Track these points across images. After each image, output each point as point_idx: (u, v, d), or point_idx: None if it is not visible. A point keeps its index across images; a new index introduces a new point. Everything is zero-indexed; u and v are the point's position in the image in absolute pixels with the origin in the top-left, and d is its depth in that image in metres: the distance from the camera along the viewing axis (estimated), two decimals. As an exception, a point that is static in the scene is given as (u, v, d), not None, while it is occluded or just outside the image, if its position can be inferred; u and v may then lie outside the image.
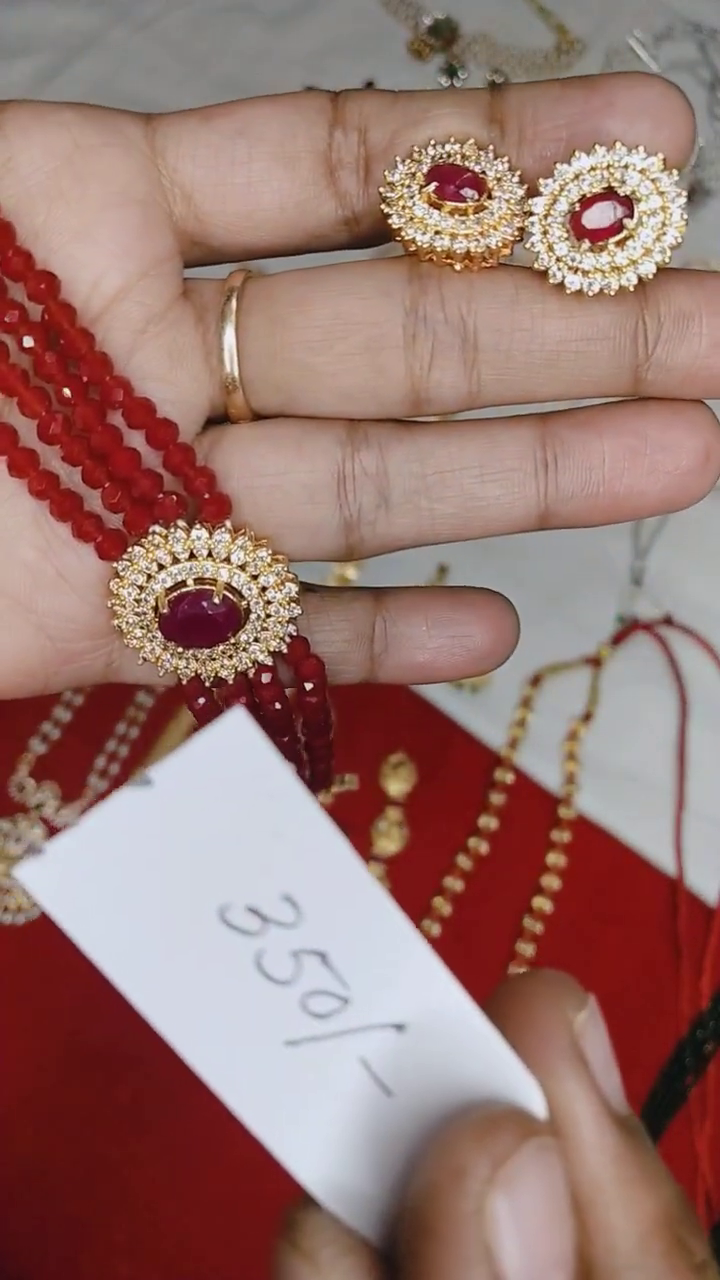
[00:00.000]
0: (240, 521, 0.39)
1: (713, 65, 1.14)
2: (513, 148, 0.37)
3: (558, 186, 0.36)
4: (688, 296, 0.37)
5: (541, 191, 0.36)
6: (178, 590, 0.37)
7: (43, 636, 0.38)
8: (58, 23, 1.14)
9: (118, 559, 0.37)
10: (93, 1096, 0.78)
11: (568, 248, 0.36)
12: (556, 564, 0.94)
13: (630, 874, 0.86)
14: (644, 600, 0.93)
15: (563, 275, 0.36)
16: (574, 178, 0.36)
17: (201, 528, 0.37)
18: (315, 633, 0.41)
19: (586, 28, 1.18)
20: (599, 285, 0.36)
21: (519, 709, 0.89)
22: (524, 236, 0.37)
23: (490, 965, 0.82)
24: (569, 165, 0.36)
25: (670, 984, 0.83)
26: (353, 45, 1.15)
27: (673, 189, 0.36)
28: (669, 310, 0.37)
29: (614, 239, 0.36)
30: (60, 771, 0.86)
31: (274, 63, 1.13)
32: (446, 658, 0.40)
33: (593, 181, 0.36)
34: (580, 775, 0.87)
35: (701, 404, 0.39)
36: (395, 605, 0.41)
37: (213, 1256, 0.75)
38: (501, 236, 0.36)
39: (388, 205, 0.37)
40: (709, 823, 0.87)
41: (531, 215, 0.36)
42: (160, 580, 0.37)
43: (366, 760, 0.88)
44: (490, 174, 0.36)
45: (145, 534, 0.37)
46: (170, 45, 1.14)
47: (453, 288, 0.37)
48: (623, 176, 0.36)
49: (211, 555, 0.37)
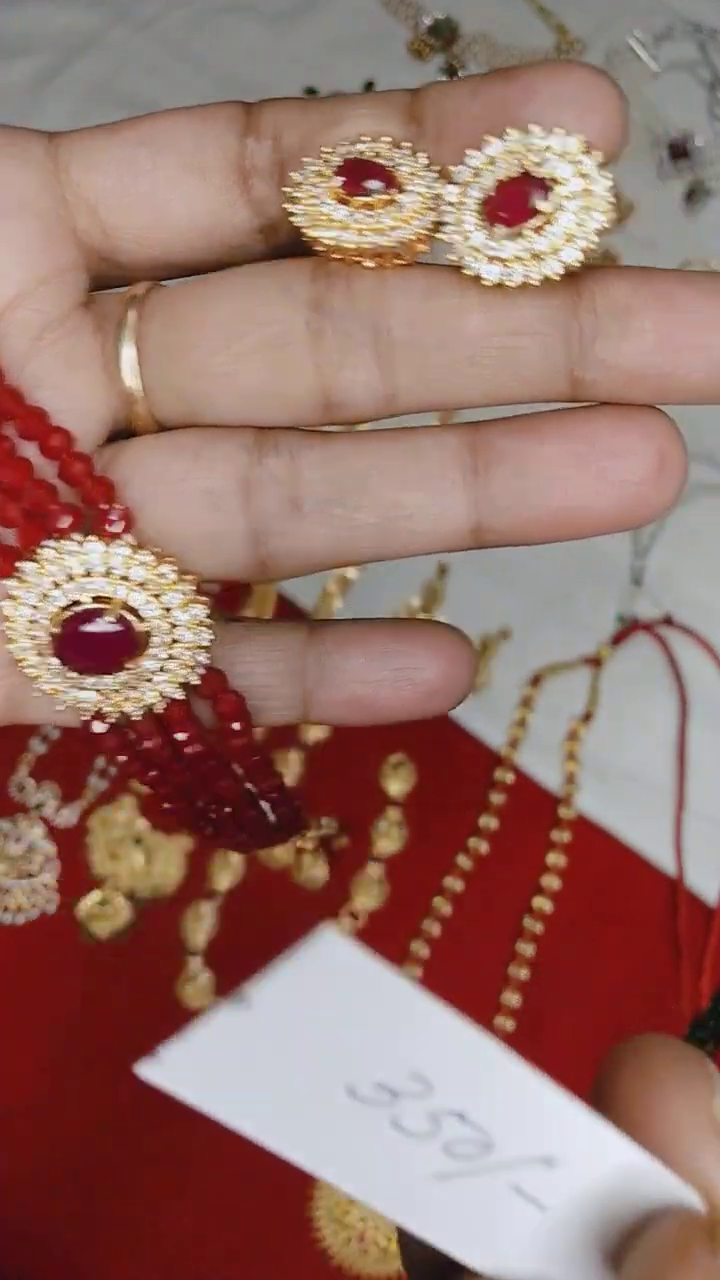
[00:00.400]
0: (143, 536, 0.36)
1: (713, 65, 1.14)
2: (431, 144, 0.35)
3: (470, 173, 0.34)
4: (629, 291, 0.34)
5: (454, 180, 0.34)
6: (72, 609, 0.35)
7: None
8: (57, 23, 1.14)
9: (9, 576, 0.34)
10: (92, 1096, 0.78)
11: (484, 236, 0.34)
12: (556, 564, 0.94)
13: (630, 874, 0.86)
14: (644, 600, 0.93)
15: (479, 266, 0.34)
16: (488, 163, 0.33)
17: (98, 541, 0.35)
18: (236, 665, 0.37)
19: (587, 28, 1.18)
20: (520, 275, 0.33)
21: (519, 709, 0.89)
22: (439, 228, 0.35)
23: (490, 965, 0.83)
24: (481, 151, 0.34)
25: (670, 984, 0.83)
26: (353, 45, 1.15)
27: (596, 171, 0.33)
28: (606, 305, 0.34)
29: (531, 224, 0.33)
30: (60, 771, 0.86)
31: (274, 63, 1.13)
32: (391, 692, 0.36)
33: (508, 166, 0.33)
34: (580, 775, 0.87)
35: (655, 409, 0.36)
36: (332, 638, 0.37)
37: (213, 1256, 0.76)
38: (414, 230, 0.34)
39: (292, 204, 0.35)
40: (709, 823, 0.87)
41: (445, 206, 0.34)
42: (55, 599, 0.35)
43: (366, 760, 0.88)
44: (404, 168, 0.34)
45: (38, 549, 0.35)
46: (170, 45, 1.14)
47: (362, 283, 0.35)
48: (540, 159, 0.33)
49: (110, 572, 0.35)
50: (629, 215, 1.07)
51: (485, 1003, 0.82)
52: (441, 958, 0.83)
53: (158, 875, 0.84)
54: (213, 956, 0.82)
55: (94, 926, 0.82)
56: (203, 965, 0.81)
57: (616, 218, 1.08)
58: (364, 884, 0.84)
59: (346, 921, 0.83)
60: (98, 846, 0.84)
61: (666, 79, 1.16)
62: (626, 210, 1.06)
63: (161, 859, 0.84)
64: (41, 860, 0.83)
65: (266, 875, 0.85)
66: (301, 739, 0.88)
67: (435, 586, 0.92)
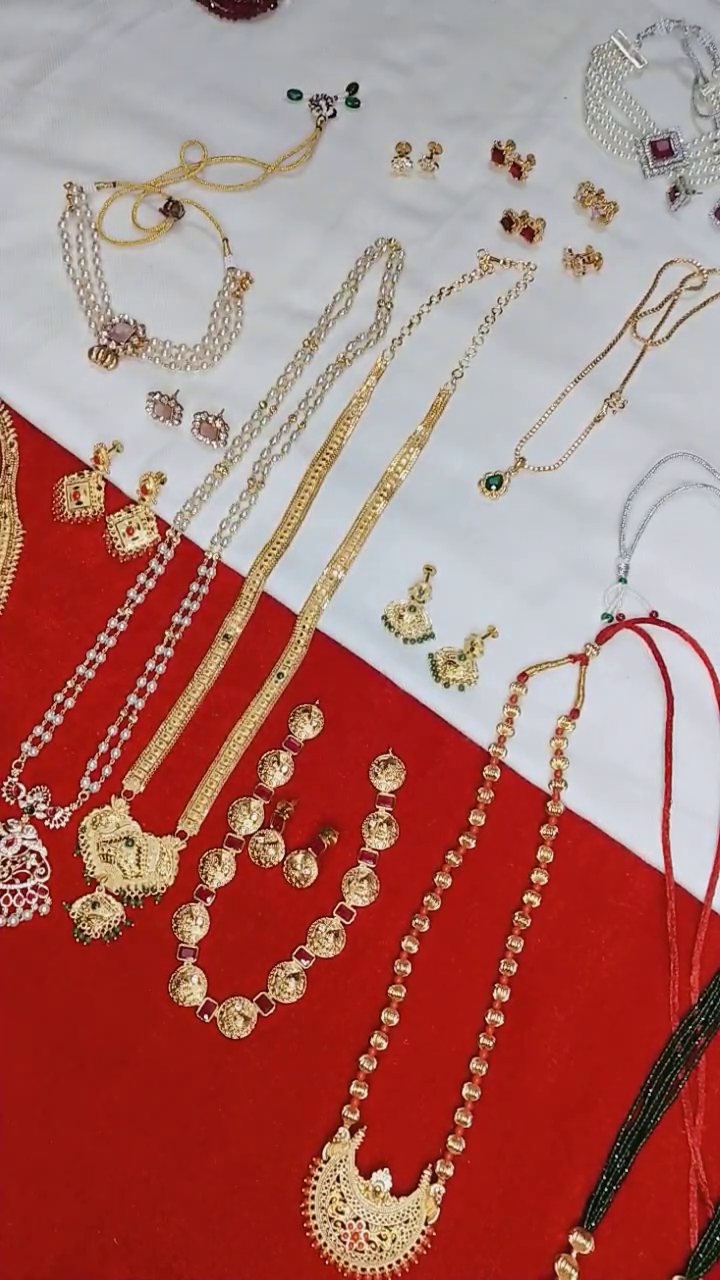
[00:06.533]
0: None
1: (696, 62, 1.14)
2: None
3: None
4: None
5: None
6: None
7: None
8: (40, 26, 1.14)
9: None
10: (87, 1097, 0.79)
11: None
12: (542, 563, 0.94)
13: (618, 869, 0.86)
14: (629, 598, 0.93)
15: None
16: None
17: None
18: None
19: (569, 26, 1.18)
20: None
21: (506, 706, 0.89)
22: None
23: (480, 960, 0.83)
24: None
25: (660, 978, 0.83)
26: (335, 48, 1.15)
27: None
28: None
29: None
30: (51, 775, 0.86)
31: (258, 66, 1.14)
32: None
33: None
34: (568, 772, 0.88)
35: None
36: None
37: (207, 1256, 0.76)
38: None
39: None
40: (696, 817, 0.87)
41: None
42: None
43: (356, 758, 0.88)
44: None
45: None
46: (153, 49, 1.14)
47: None
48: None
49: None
50: (612, 215, 1.07)
51: (476, 997, 0.82)
52: (432, 953, 0.83)
53: (149, 876, 0.84)
54: (205, 956, 0.83)
55: (86, 927, 0.82)
56: (194, 964, 0.82)
57: (600, 217, 1.08)
58: (354, 881, 0.85)
59: (338, 919, 0.83)
60: (89, 848, 0.84)
61: (649, 76, 1.16)
62: (610, 210, 1.07)
63: (153, 860, 0.84)
64: (33, 862, 0.84)
65: (258, 874, 0.85)
66: (292, 738, 0.88)
67: (422, 586, 0.93)
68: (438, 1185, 0.78)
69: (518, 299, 1.05)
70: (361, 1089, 0.79)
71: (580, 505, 0.97)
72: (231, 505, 0.95)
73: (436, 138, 1.11)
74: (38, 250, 1.03)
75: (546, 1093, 0.80)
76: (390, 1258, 0.76)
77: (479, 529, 0.96)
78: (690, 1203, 0.78)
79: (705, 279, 1.06)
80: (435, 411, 1.00)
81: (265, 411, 0.99)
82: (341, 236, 1.06)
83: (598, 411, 1.00)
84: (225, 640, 0.91)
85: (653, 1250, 0.77)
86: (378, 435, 0.99)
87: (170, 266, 1.04)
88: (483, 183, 1.10)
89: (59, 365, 0.99)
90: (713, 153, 1.10)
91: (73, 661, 0.90)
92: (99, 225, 1.04)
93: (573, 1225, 0.77)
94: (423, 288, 1.05)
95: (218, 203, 1.07)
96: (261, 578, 0.93)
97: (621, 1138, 0.79)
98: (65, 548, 0.93)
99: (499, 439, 0.99)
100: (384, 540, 0.95)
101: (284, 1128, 0.78)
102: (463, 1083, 0.80)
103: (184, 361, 0.99)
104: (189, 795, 0.87)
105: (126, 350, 0.99)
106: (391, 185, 1.10)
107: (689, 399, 1.01)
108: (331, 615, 0.92)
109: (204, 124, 1.10)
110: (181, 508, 0.95)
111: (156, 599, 0.92)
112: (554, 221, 1.08)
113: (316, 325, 1.02)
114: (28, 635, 0.90)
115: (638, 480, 0.97)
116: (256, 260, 1.04)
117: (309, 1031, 0.81)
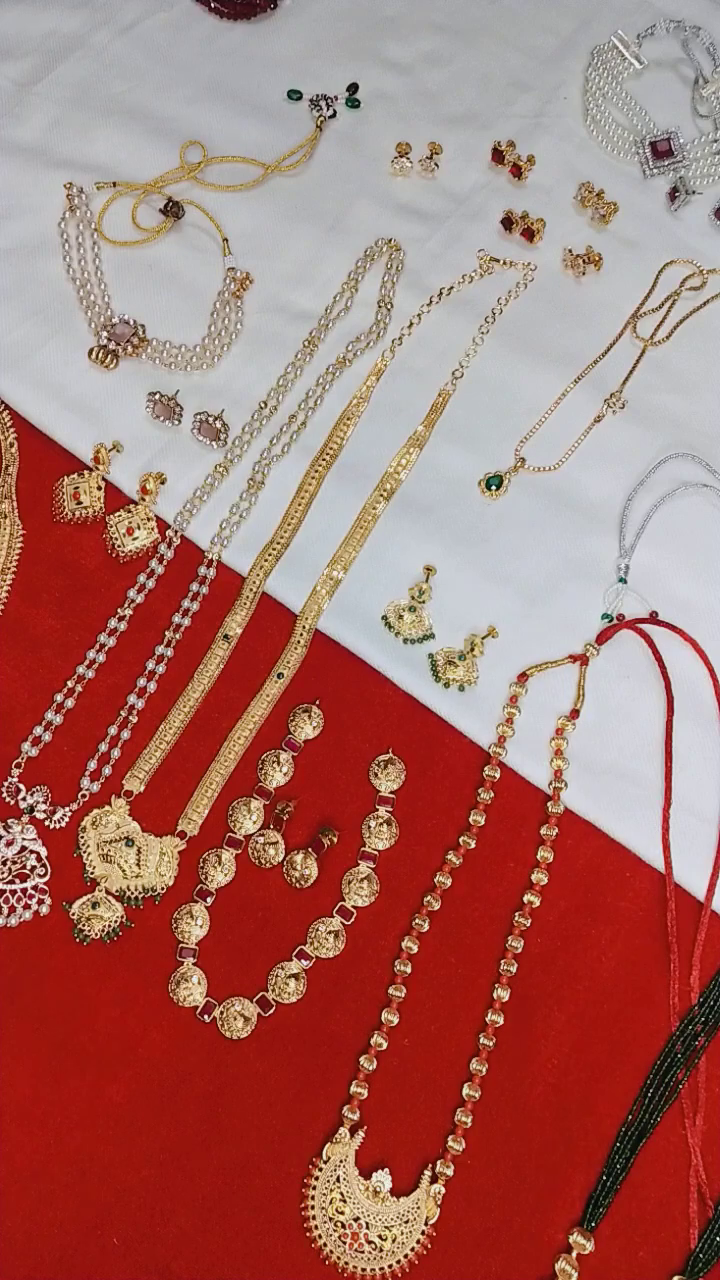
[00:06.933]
0: None
1: (695, 62, 1.14)
2: None
3: None
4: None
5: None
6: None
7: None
8: (40, 26, 1.14)
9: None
10: (87, 1097, 0.79)
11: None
12: (542, 563, 0.94)
13: (618, 869, 0.86)
14: (629, 598, 0.93)
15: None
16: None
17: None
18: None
19: (569, 26, 1.18)
20: None
21: (507, 707, 0.89)
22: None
23: (480, 960, 0.83)
24: None
25: (660, 978, 0.83)
26: (335, 48, 1.15)
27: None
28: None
29: None
30: (51, 775, 0.87)
31: (258, 66, 1.13)
32: None
33: None
34: (567, 772, 0.88)
35: None
36: None
37: (207, 1256, 0.76)
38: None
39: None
40: (696, 817, 0.87)
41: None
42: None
43: (356, 758, 0.88)
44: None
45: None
46: (153, 49, 1.14)
47: None
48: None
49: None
50: (612, 215, 1.07)
51: (475, 997, 0.82)
52: (432, 953, 0.83)
53: (149, 876, 0.84)
54: (205, 956, 0.83)
55: (86, 927, 0.82)
56: (194, 965, 0.82)
57: (600, 217, 1.08)
58: (354, 882, 0.85)
59: (338, 919, 0.83)
60: (89, 848, 0.84)
61: (649, 77, 1.16)
62: (610, 210, 1.07)
63: (153, 860, 0.84)
64: (33, 862, 0.84)
65: (258, 874, 0.85)
66: (292, 738, 0.88)
67: (422, 587, 0.93)
68: (438, 1185, 0.78)
69: (518, 299, 1.05)
70: (361, 1089, 0.79)
71: (580, 505, 0.97)
72: (231, 505, 0.95)
73: (436, 138, 1.11)
74: (38, 250, 1.03)
75: (546, 1093, 0.80)
76: (390, 1258, 0.76)
77: (479, 529, 0.96)
78: (690, 1203, 0.79)
79: (705, 279, 1.06)
80: (435, 411, 1.00)
81: (265, 411, 0.99)
82: (341, 236, 1.06)
83: (598, 412, 1.00)
84: (225, 640, 0.91)
85: (653, 1250, 0.77)
86: (378, 435, 0.99)
87: (170, 266, 1.04)
88: (483, 183, 1.10)
89: (59, 365, 0.99)
90: (713, 153, 1.10)
91: (73, 661, 0.90)
92: (99, 225, 1.05)
93: (573, 1225, 0.78)
94: (423, 288, 1.05)
95: (218, 203, 1.07)
96: (261, 578, 0.93)
97: (621, 1138, 0.79)
98: (65, 548, 0.93)
99: (499, 439, 0.99)
100: (384, 540, 0.95)
101: (284, 1128, 0.79)
102: (463, 1083, 0.80)
103: (184, 361, 1.00)
104: (189, 795, 0.87)
105: (126, 350, 0.99)
106: (391, 185, 1.10)
107: (689, 399, 1.01)
108: (331, 615, 0.92)
109: (204, 124, 1.10)
110: (181, 508, 0.95)
111: (156, 599, 0.92)
112: (554, 222, 1.08)
113: (316, 325, 1.02)
114: (28, 635, 0.90)
115: (638, 480, 0.98)
116: (256, 260, 1.04)
117: (309, 1031, 0.81)
